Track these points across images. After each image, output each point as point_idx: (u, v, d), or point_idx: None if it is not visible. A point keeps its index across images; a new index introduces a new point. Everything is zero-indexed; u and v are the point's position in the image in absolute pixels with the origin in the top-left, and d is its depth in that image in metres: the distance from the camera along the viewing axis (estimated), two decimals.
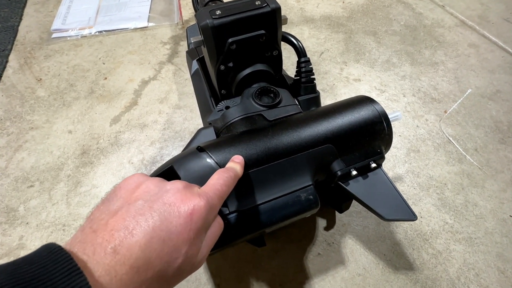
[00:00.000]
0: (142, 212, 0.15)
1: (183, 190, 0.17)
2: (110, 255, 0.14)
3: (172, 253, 0.15)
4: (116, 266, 0.14)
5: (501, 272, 0.30)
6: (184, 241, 0.16)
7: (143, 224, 0.15)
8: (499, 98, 0.46)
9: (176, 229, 0.15)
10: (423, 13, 0.60)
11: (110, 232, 0.14)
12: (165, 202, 0.16)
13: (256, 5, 0.27)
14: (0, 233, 0.34)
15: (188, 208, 0.16)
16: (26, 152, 0.41)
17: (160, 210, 0.15)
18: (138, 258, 0.14)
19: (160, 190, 0.17)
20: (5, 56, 0.54)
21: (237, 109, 0.27)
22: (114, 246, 0.14)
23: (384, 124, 0.25)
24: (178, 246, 0.15)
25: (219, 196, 0.18)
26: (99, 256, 0.14)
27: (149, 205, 0.16)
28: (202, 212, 0.16)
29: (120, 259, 0.14)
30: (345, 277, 0.30)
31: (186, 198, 0.16)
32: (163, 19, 0.60)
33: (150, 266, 0.14)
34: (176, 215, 0.16)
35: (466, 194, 0.36)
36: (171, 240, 0.15)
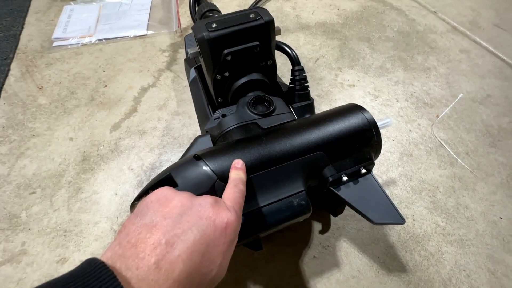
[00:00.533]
0: (181, 226, 0.16)
1: (215, 205, 0.17)
2: (153, 270, 0.14)
3: (209, 265, 0.16)
4: (160, 281, 0.14)
5: (492, 273, 0.31)
6: (219, 254, 0.16)
7: (183, 238, 0.15)
8: (490, 103, 0.47)
9: (213, 242, 0.16)
10: (416, 20, 0.62)
11: (151, 247, 0.15)
12: (201, 217, 0.16)
13: (250, 18, 0.28)
14: (3, 239, 0.35)
15: (222, 222, 0.17)
16: (28, 159, 0.42)
17: (198, 224, 0.16)
18: (180, 272, 0.14)
19: (193, 205, 0.17)
20: (7, 65, 0.55)
21: (233, 117, 0.28)
22: (157, 261, 0.14)
23: (373, 132, 0.26)
24: (214, 259, 0.16)
25: (241, 208, 0.19)
26: (142, 272, 0.14)
27: (186, 219, 0.16)
28: (234, 225, 0.17)
29: (163, 275, 0.14)
30: (340, 279, 0.31)
31: (219, 212, 0.17)
32: (162, 27, 0.62)
33: (190, 279, 0.15)
34: (212, 229, 0.16)
35: (458, 197, 0.37)
36: (208, 253, 0.16)
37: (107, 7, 0.66)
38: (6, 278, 0.32)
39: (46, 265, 0.33)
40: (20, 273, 0.32)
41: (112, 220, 0.36)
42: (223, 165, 0.22)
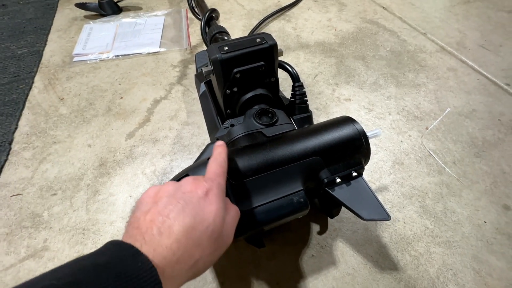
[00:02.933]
0: (169, 202, 0.20)
1: (194, 181, 0.22)
2: (157, 235, 0.18)
3: (203, 222, 0.20)
4: (164, 240, 0.18)
5: (476, 272, 0.34)
6: (210, 212, 0.20)
7: (173, 208, 0.19)
8: (475, 117, 0.51)
9: (199, 205, 0.20)
10: (407, 40, 0.67)
11: (150, 223, 0.19)
12: (184, 191, 0.21)
13: (257, 42, 0.32)
14: (27, 236, 0.38)
15: (203, 191, 0.21)
16: (50, 163, 0.46)
17: (183, 197, 0.20)
18: (178, 232, 0.19)
19: (176, 187, 0.22)
20: (31, 78, 0.60)
21: (240, 127, 0.32)
22: (158, 228, 0.19)
23: (362, 140, 0.29)
24: (205, 217, 0.20)
25: (221, 176, 0.23)
26: (149, 239, 0.18)
27: (173, 196, 0.20)
28: (214, 190, 0.21)
29: (166, 236, 0.18)
30: (336, 276, 0.34)
31: (198, 185, 0.21)
32: (173, 44, 0.67)
33: (188, 236, 0.19)
34: (196, 197, 0.20)
35: (445, 202, 0.40)
36: (198, 214, 0.20)
37: (123, 26, 0.72)
38: (30, 272, 0.35)
39: (66, 260, 0.35)
40: (42, 267, 0.35)
41: (127, 220, 0.39)
42: (234, 166, 0.26)
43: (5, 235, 0.38)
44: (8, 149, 0.47)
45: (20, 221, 0.39)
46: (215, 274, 0.34)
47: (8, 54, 0.65)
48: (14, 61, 0.64)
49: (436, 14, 0.74)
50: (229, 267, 0.34)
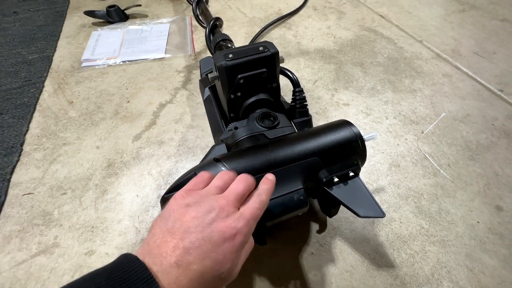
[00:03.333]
0: (196, 236, 0.19)
1: (227, 219, 0.20)
2: (174, 268, 0.18)
3: (219, 269, 0.19)
4: (180, 277, 0.18)
5: (470, 270, 0.35)
6: (228, 260, 0.20)
7: (198, 246, 0.19)
8: (469, 121, 0.53)
9: (222, 251, 0.20)
10: (404, 47, 0.69)
11: (172, 249, 0.19)
12: (213, 230, 0.20)
13: (260, 50, 0.35)
14: (38, 234, 0.39)
15: (231, 234, 0.20)
16: (60, 164, 0.48)
17: (210, 236, 0.20)
18: (195, 272, 0.18)
19: (206, 214, 0.20)
20: (42, 82, 0.62)
21: (244, 129, 0.34)
22: (176, 261, 0.18)
23: (359, 142, 0.31)
24: (223, 264, 0.20)
25: (255, 219, 0.22)
26: (165, 267, 0.18)
27: (200, 230, 0.20)
28: (242, 235, 0.21)
29: (182, 272, 0.18)
30: (335, 273, 0.35)
31: (230, 224, 0.20)
32: (178, 51, 0.70)
33: (203, 278, 0.19)
34: (222, 240, 0.20)
35: (440, 203, 0.42)
36: (218, 259, 0.19)
37: (130, 33, 0.75)
38: (41, 267, 0.36)
39: (76, 256, 0.37)
40: (53, 263, 0.37)
41: (134, 219, 0.41)
42: (238, 166, 0.28)
43: (17, 232, 0.39)
44: (20, 150, 0.49)
45: (32, 219, 0.41)
46: None
47: (20, 60, 0.68)
48: (25, 66, 0.66)
49: (432, 23, 0.77)
50: None
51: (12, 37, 0.75)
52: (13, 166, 0.47)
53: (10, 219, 0.41)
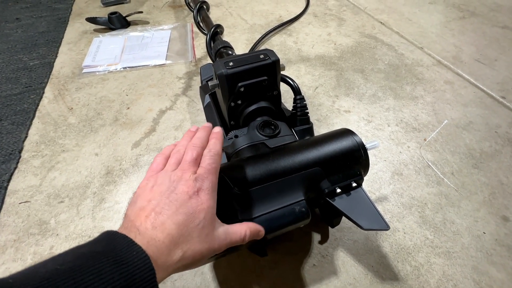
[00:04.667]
0: (163, 201, 0.22)
1: (185, 182, 0.23)
2: (150, 229, 0.20)
3: (194, 220, 0.21)
4: (157, 234, 0.20)
5: (477, 283, 0.34)
6: (200, 211, 0.22)
7: (167, 207, 0.21)
8: (472, 129, 0.52)
9: (191, 204, 0.22)
10: (405, 54, 0.69)
11: (145, 218, 0.21)
12: (176, 192, 0.22)
13: (260, 58, 0.34)
14: (33, 243, 0.39)
15: (194, 191, 0.22)
16: (58, 171, 0.47)
17: (175, 198, 0.22)
18: (170, 228, 0.21)
19: (169, 186, 0.23)
20: (42, 88, 0.62)
21: (244, 138, 0.33)
22: (151, 223, 0.20)
23: (361, 152, 0.31)
24: (196, 215, 0.22)
25: (213, 173, 0.24)
26: (143, 232, 0.20)
27: (166, 197, 0.22)
28: (206, 190, 0.23)
29: (159, 230, 0.20)
30: (337, 286, 0.34)
31: (190, 185, 0.23)
32: (178, 57, 0.70)
33: (180, 232, 0.21)
34: (187, 197, 0.22)
35: (444, 213, 0.41)
36: (190, 212, 0.21)
37: (131, 40, 0.75)
38: None
39: None
40: None
41: None
42: (238, 176, 0.27)
43: (12, 242, 0.39)
44: (18, 157, 0.49)
45: (28, 228, 0.40)
46: (218, 282, 0.35)
47: (21, 66, 0.68)
48: (26, 72, 0.66)
49: (433, 30, 0.77)
50: (232, 276, 0.35)
51: (14, 43, 0.75)
52: (10, 173, 0.46)
53: (6, 228, 0.40)
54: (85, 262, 0.17)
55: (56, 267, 0.16)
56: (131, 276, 0.17)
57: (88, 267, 0.17)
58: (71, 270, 0.16)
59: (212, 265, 0.36)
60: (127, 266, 0.17)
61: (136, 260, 0.18)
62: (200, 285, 0.34)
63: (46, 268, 0.16)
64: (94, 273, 0.16)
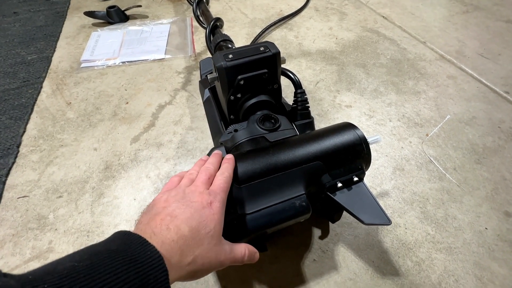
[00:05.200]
0: (178, 207, 0.22)
1: (200, 194, 0.24)
2: (165, 231, 0.21)
3: (205, 227, 0.22)
4: (171, 235, 0.21)
5: (478, 278, 0.34)
6: (211, 220, 0.23)
7: (182, 212, 0.22)
8: (475, 124, 0.51)
9: (204, 213, 0.23)
10: (407, 48, 0.68)
11: (160, 221, 0.21)
12: (191, 201, 0.23)
13: (261, 50, 0.34)
14: (32, 238, 0.38)
15: (207, 202, 0.24)
16: (56, 166, 0.47)
17: (190, 205, 0.23)
18: (184, 231, 0.21)
19: (184, 196, 0.24)
20: (40, 83, 0.62)
21: (244, 132, 0.33)
22: (166, 226, 0.21)
23: (363, 146, 0.30)
24: (208, 223, 0.23)
25: (224, 191, 0.25)
26: (158, 233, 0.20)
27: (181, 203, 0.23)
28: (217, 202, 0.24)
29: (172, 232, 0.20)
30: (338, 281, 0.34)
31: (203, 197, 0.24)
32: (178, 52, 0.69)
33: (192, 235, 0.21)
34: (200, 206, 0.23)
35: (446, 208, 0.40)
36: (203, 219, 0.22)
37: (130, 34, 0.74)
38: None
39: None
40: None
41: (131, 223, 0.40)
42: (238, 170, 0.27)
43: (11, 236, 0.38)
44: (16, 152, 0.48)
45: (26, 223, 0.40)
46: (217, 277, 0.34)
47: (19, 60, 0.67)
48: (24, 67, 0.65)
49: (436, 24, 0.76)
50: (231, 271, 0.35)
51: (11, 38, 0.74)
52: (8, 168, 0.46)
53: (4, 223, 0.40)
54: (102, 261, 0.17)
55: (74, 264, 0.17)
56: (146, 276, 0.17)
57: (104, 265, 0.17)
58: (88, 268, 0.16)
59: None
60: (142, 265, 0.18)
61: (150, 260, 0.18)
62: (200, 279, 0.34)
63: (64, 265, 0.17)
64: (110, 271, 0.17)
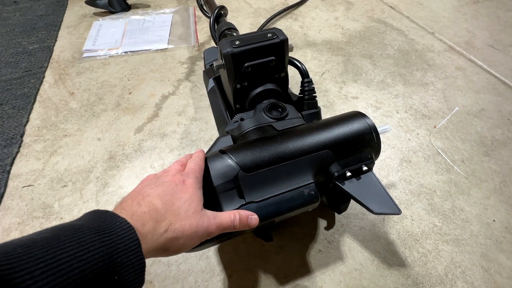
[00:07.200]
0: (150, 187, 0.23)
1: (172, 175, 0.24)
2: (136, 206, 0.21)
3: (179, 200, 0.22)
4: (142, 209, 0.20)
5: (485, 270, 0.34)
6: (185, 192, 0.23)
7: (153, 191, 0.22)
8: (484, 116, 0.51)
9: (177, 188, 0.23)
10: (415, 39, 0.67)
11: (131, 201, 0.21)
12: (163, 181, 0.24)
13: (268, 37, 0.33)
14: (38, 226, 0.38)
15: (180, 180, 0.24)
16: (60, 156, 0.46)
17: (163, 184, 0.23)
18: (157, 204, 0.21)
19: (156, 177, 0.25)
20: (42, 73, 0.61)
21: (251, 120, 0.32)
22: (137, 202, 0.21)
23: (373, 135, 0.30)
24: (182, 197, 0.22)
25: (195, 172, 0.25)
26: (127, 209, 0.20)
27: (153, 183, 0.23)
28: (190, 180, 0.24)
29: (143, 206, 0.21)
30: (344, 271, 0.34)
31: (175, 176, 0.24)
32: (181, 41, 0.68)
33: (167, 206, 0.21)
34: (173, 184, 0.23)
35: (453, 200, 0.40)
36: (176, 193, 0.22)
37: (132, 23, 0.73)
38: None
39: None
40: None
41: None
42: (245, 158, 0.26)
43: (17, 225, 0.38)
44: (20, 142, 0.48)
45: (32, 212, 0.40)
46: (222, 266, 0.34)
47: (20, 50, 0.67)
48: (26, 56, 0.65)
49: (445, 14, 0.74)
50: (237, 260, 0.35)
51: (12, 27, 0.73)
52: (13, 157, 0.46)
53: (10, 211, 0.40)
54: (64, 232, 0.16)
55: (32, 237, 0.16)
56: (114, 245, 0.17)
57: (66, 235, 0.16)
58: (47, 239, 0.16)
59: (217, 249, 0.36)
60: (109, 235, 0.17)
61: (119, 230, 0.18)
62: (205, 268, 0.34)
63: (21, 239, 0.16)
64: (72, 241, 0.16)
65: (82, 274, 0.15)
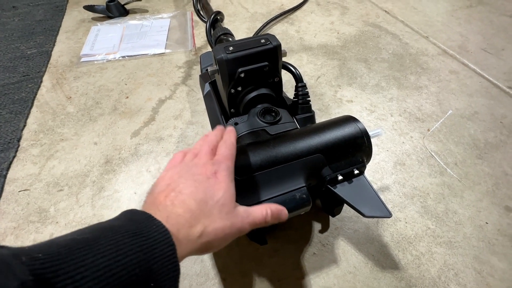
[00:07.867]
0: (181, 182, 0.22)
1: (203, 165, 0.23)
2: (170, 206, 0.20)
3: (213, 197, 0.21)
4: (177, 210, 0.20)
5: (478, 272, 0.34)
6: (218, 189, 0.22)
7: (185, 186, 0.21)
8: (477, 119, 0.51)
9: (209, 183, 0.22)
10: (409, 43, 0.68)
11: (164, 198, 0.21)
12: (195, 174, 0.22)
13: (261, 42, 0.33)
14: (33, 231, 0.38)
15: (212, 172, 0.23)
16: (57, 160, 0.47)
17: (194, 178, 0.22)
18: (190, 203, 0.20)
19: (187, 169, 0.23)
20: (40, 77, 0.61)
21: (244, 125, 0.32)
22: (171, 201, 0.20)
23: (364, 139, 0.30)
24: (215, 192, 0.22)
25: (229, 158, 0.24)
26: (162, 209, 0.20)
27: (184, 177, 0.22)
28: (223, 171, 0.23)
29: (178, 207, 0.20)
30: (338, 274, 0.34)
31: (207, 167, 0.23)
32: (178, 46, 0.68)
33: (200, 207, 0.21)
34: (205, 178, 0.22)
35: (447, 203, 0.40)
36: (209, 190, 0.21)
37: (130, 28, 0.74)
38: None
39: None
40: None
41: None
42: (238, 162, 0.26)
43: (12, 229, 0.39)
44: (17, 146, 0.48)
45: (27, 216, 0.40)
46: (217, 270, 0.35)
47: (18, 54, 0.67)
48: (24, 61, 0.65)
49: (438, 18, 0.75)
50: (231, 264, 0.35)
51: (11, 32, 0.74)
52: (9, 162, 0.46)
53: (6, 216, 0.40)
54: (103, 233, 0.17)
55: (74, 237, 0.16)
56: (150, 250, 0.17)
57: (105, 237, 0.16)
58: (88, 240, 0.16)
59: (212, 253, 0.36)
60: (146, 239, 0.17)
61: (156, 234, 0.18)
62: (200, 272, 0.34)
63: (64, 238, 0.16)
64: (111, 243, 0.16)
65: (119, 280, 0.15)
